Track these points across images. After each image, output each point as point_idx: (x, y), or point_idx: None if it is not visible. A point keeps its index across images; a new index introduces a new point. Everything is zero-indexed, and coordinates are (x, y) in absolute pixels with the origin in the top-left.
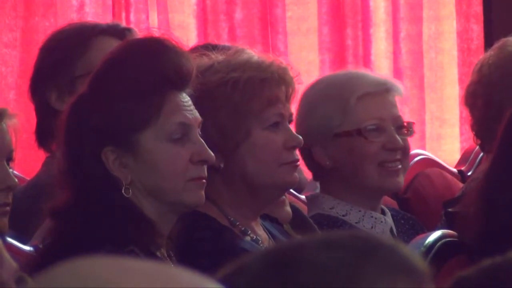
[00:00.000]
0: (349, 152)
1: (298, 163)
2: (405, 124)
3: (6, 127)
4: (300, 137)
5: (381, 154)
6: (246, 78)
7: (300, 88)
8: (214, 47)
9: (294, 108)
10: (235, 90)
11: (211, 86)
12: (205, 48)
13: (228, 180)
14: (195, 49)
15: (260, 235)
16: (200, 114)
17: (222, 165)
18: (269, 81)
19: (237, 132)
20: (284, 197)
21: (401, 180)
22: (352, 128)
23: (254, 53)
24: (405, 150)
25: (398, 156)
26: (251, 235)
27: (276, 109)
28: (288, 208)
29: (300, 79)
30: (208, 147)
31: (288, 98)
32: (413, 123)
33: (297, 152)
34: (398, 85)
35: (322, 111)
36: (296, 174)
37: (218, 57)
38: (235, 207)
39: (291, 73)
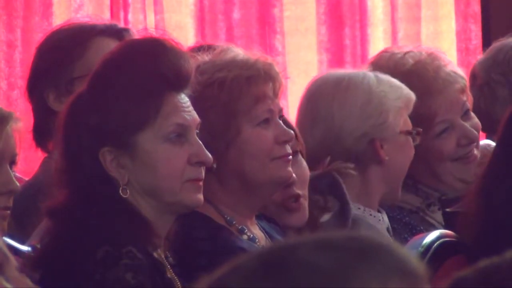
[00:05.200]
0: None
1: (291, 157)
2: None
3: (11, 131)
4: (292, 132)
5: None
6: (232, 77)
7: (296, 86)
8: (209, 48)
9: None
10: (222, 90)
11: (199, 87)
12: (200, 49)
13: (222, 179)
14: (192, 51)
15: (256, 234)
16: None
17: (215, 166)
18: (255, 79)
19: (228, 131)
20: (302, 201)
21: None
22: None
23: (239, 52)
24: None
25: None
26: (248, 233)
27: (265, 105)
28: (304, 213)
29: (286, 74)
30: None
31: (276, 94)
32: (421, 131)
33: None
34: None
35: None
36: (290, 169)
37: (204, 57)
38: (231, 206)
39: (277, 68)
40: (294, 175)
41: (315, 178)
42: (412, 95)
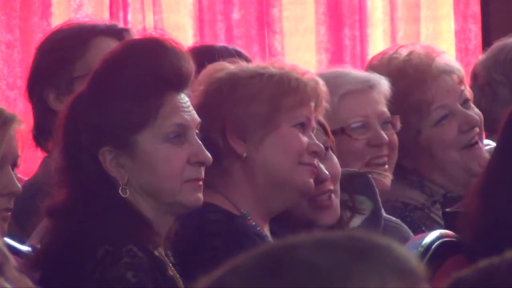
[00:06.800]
0: (335, 151)
1: (316, 170)
2: (391, 119)
3: (14, 133)
4: (322, 146)
5: (367, 151)
6: (283, 73)
7: None
8: (210, 48)
9: None
10: (271, 81)
11: (246, 75)
12: (202, 49)
13: (248, 172)
14: (192, 51)
15: (268, 235)
16: (233, 101)
17: (245, 155)
18: (304, 84)
19: (269, 122)
20: (333, 198)
21: (388, 181)
22: (336, 127)
23: None
24: (392, 145)
25: (385, 152)
26: (260, 231)
27: (305, 110)
28: (336, 210)
29: (328, 97)
30: (235, 135)
31: (315, 110)
32: (399, 117)
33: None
34: (383, 81)
35: None
36: (312, 181)
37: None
38: (249, 202)
39: (322, 88)
40: (326, 171)
41: (346, 177)
42: None
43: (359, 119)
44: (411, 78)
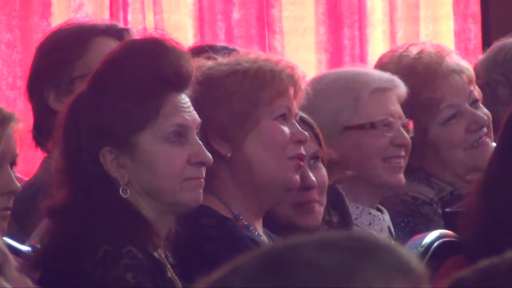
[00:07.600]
0: (357, 145)
1: (302, 162)
2: (407, 123)
3: (12, 132)
4: (306, 133)
5: (388, 149)
6: (256, 67)
7: None
8: (210, 48)
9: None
10: (245, 78)
11: (221, 75)
12: (202, 49)
13: (234, 170)
14: (192, 51)
15: (261, 234)
16: (211, 103)
17: (229, 155)
18: (279, 74)
19: (247, 120)
20: (315, 205)
21: (403, 177)
22: (364, 121)
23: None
24: (408, 147)
25: (402, 153)
26: (253, 231)
27: (284, 101)
28: (317, 216)
29: (306, 79)
30: (217, 136)
31: (295, 96)
32: (412, 122)
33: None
34: (402, 85)
35: (332, 105)
36: (297, 177)
37: (224, 58)
38: (239, 200)
39: (299, 73)
40: (314, 179)
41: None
42: None
43: (385, 117)
44: (421, 76)
